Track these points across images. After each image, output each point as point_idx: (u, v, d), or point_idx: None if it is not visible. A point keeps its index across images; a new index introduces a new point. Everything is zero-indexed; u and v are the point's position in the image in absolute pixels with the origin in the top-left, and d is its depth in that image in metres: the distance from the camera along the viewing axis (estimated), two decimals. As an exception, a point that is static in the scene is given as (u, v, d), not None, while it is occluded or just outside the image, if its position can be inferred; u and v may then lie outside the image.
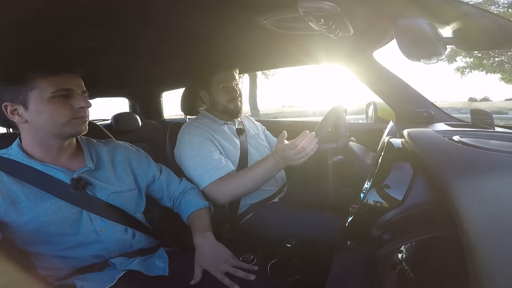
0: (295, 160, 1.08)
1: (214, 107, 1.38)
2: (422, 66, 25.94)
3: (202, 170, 1.19)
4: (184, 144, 1.26)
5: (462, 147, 0.57)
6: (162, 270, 0.89)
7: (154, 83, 2.54)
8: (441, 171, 0.51)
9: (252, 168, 1.20)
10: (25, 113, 0.80)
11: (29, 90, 0.79)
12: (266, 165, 1.16)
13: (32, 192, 0.80)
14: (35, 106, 0.80)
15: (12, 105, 0.80)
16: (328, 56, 1.52)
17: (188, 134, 1.27)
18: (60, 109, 0.81)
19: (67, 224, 0.83)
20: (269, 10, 0.88)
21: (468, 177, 0.45)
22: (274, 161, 1.14)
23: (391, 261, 0.54)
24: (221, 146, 1.29)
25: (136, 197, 0.98)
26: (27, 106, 0.80)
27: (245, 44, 1.40)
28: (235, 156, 1.32)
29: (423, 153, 0.61)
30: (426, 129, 0.75)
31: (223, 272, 0.84)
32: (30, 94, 0.79)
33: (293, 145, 1.07)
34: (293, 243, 1.13)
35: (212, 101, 1.37)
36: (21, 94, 0.79)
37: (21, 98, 0.79)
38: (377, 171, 0.69)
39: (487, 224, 0.36)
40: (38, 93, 0.79)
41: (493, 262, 0.32)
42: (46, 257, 0.84)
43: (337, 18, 0.86)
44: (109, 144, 1.01)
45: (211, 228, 0.99)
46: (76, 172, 0.87)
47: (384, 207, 0.65)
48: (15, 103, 0.80)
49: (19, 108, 0.80)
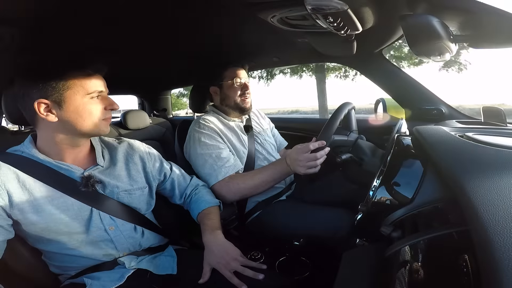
0: (302, 166, 1.07)
1: (225, 103, 1.40)
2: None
3: (210, 168, 1.20)
4: (194, 141, 1.27)
5: (474, 145, 0.56)
6: (170, 268, 0.90)
7: (163, 81, 2.56)
8: (452, 168, 0.50)
9: (263, 169, 1.21)
10: (58, 111, 0.80)
11: (65, 89, 0.80)
12: (276, 168, 1.17)
13: (43, 189, 0.81)
14: (71, 105, 0.80)
15: (46, 103, 0.80)
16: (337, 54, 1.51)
17: (197, 131, 1.28)
18: (94, 109, 0.83)
19: (77, 222, 0.83)
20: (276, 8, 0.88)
21: (481, 174, 0.45)
22: (285, 165, 1.14)
23: (401, 259, 0.54)
24: (229, 143, 1.31)
25: (146, 195, 0.98)
26: (61, 104, 0.80)
27: (254, 41, 1.40)
28: (243, 152, 1.33)
29: (433, 150, 0.60)
30: (436, 126, 0.74)
31: (232, 270, 0.84)
32: (66, 93, 0.80)
33: (306, 148, 1.06)
34: (301, 241, 1.13)
35: (224, 96, 1.39)
36: (56, 92, 0.79)
37: (55, 96, 0.79)
38: (387, 168, 0.69)
39: (500, 222, 0.36)
40: (75, 93, 0.80)
41: (507, 260, 0.32)
42: (56, 256, 0.85)
43: (345, 16, 0.86)
44: (121, 142, 1.01)
45: (220, 227, 0.99)
46: (86, 170, 0.87)
47: (394, 205, 0.65)
48: (48, 100, 0.79)
49: (53, 106, 0.80)
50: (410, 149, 0.75)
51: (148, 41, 1.29)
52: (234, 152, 1.30)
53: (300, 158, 1.06)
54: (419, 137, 0.70)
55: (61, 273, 0.88)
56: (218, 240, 0.93)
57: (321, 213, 1.21)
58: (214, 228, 0.97)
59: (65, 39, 1.07)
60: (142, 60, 1.66)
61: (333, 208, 1.21)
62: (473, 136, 0.61)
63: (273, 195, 1.33)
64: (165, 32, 1.20)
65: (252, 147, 1.37)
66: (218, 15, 1.04)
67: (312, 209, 1.24)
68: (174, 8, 0.96)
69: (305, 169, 1.07)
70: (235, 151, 1.31)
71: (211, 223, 0.99)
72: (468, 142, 0.58)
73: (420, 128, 0.73)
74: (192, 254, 0.98)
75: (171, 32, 1.19)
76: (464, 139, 0.61)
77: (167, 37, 1.26)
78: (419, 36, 0.73)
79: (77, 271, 0.86)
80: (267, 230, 1.25)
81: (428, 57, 0.81)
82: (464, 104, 23.46)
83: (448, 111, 1.42)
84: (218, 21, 1.11)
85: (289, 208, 1.28)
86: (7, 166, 0.80)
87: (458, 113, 1.43)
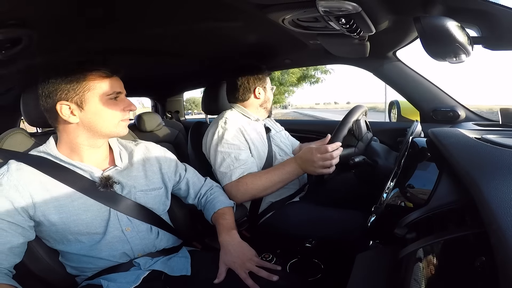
0: (318, 167, 1.07)
1: (265, 105, 1.45)
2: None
3: (227, 168, 1.21)
4: (217, 137, 1.27)
5: (491, 147, 0.55)
6: (184, 269, 0.90)
7: (176, 84, 2.59)
8: (469, 170, 0.50)
9: (272, 170, 1.21)
10: (80, 113, 0.83)
11: (86, 90, 0.82)
12: (285, 168, 1.17)
13: (64, 191, 0.83)
14: (92, 106, 0.83)
15: (68, 105, 0.82)
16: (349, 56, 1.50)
17: (222, 127, 1.28)
18: (113, 111, 0.85)
19: (96, 223, 0.85)
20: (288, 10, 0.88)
21: (499, 176, 0.44)
22: (295, 165, 1.14)
23: (415, 261, 0.53)
24: (251, 142, 1.30)
25: (162, 196, 1.00)
26: (82, 106, 0.82)
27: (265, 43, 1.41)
28: (263, 152, 1.33)
29: (450, 152, 0.59)
30: (452, 129, 0.73)
31: (247, 271, 0.84)
32: (87, 94, 0.82)
33: (324, 149, 1.05)
34: (313, 242, 1.13)
35: (266, 99, 1.44)
36: (77, 94, 0.81)
37: (76, 98, 0.81)
38: (401, 170, 0.68)
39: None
40: (95, 94, 0.83)
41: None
42: (74, 257, 0.87)
43: (358, 18, 0.85)
44: (138, 144, 1.03)
45: (235, 227, 1.00)
46: (105, 171, 0.89)
47: (408, 207, 0.64)
48: (70, 102, 0.82)
49: (74, 108, 0.82)
50: (425, 151, 0.74)
51: (161, 44, 1.32)
52: (254, 151, 1.30)
53: (315, 159, 1.06)
54: (434, 140, 0.69)
55: (78, 274, 0.89)
56: (234, 240, 0.94)
57: (334, 214, 1.20)
58: (230, 228, 0.98)
59: (83, 41, 1.10)
60: (156, 63, 1.69)
61: (346, 210, 1.20)
62: (491, 138, 0.60)
63: (286, 196, 1.33)
64: (178, 36, 1.22)
65: (271, 147, 1.38)
66: (229, 18, 1.05)
67: (325, 211, 1.24)
68: (187, 12, 0.98)
69: (320, 169, 1.07)
70: (256, 150, 1.31)
71: (227, 223, 1.00)
72: (485, 145, 0.57)
73: (436, 130, 0.72)
74: (205, 255, 0.99)
75: (184, 35, 1.22)
76: (481, 142, 0.60)
77: (180, 40, 1.28)
78: (435, 38, 0.73)
79: (94, 272, 0.87)
80: (279, 231, 1.25)
81: (444, 59, 0.80)
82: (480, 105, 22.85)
83: (464, 113, 1.40)
84: (230, 24, 1.12)
85: (302, 209, 1.28)
86: (29, 168, 0.82)
87: (475, 115, 1.40)
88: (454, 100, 1.43)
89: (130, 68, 1.65)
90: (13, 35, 0.90)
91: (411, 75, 1.49)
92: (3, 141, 0.90)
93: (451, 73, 46.29)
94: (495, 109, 1.38)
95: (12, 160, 0.83)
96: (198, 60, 1.69)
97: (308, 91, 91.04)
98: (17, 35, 0.90)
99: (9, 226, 0.75)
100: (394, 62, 1.49)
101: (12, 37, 0.90)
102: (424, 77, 1.46)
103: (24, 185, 0.79)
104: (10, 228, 0.75)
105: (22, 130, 0.95)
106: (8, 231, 0.75)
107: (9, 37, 0.90)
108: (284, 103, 54.70)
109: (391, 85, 1.54)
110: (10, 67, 1.16)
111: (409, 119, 1.55)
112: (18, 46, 0.95)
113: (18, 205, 0.77)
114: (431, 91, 1.46)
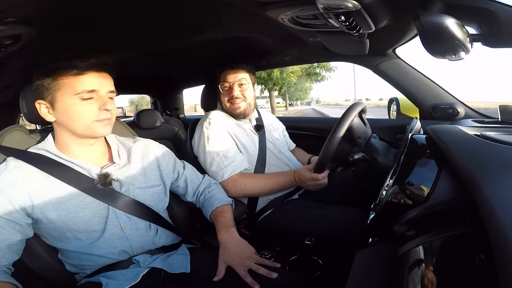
0: (309, 186, 1.19)
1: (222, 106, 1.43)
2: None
3: (217, 167, 1.24)
4: (202, 138, 1.29)
5: (491, 144, 0.55)
6: (184, 267, 0.91)
7: (175, 81, 2.59)
8: (469, 167, 0.50)
9: (272, 176, 1.26)
10: (53, 112, 0.83)
11: (56, 90, 0.81)
12: (285, 179, 1.25)
13: (62, 188, 0.83)
14: (60, 106, 0.81)
15: (43, 104, 0.82)
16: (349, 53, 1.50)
17: (206, 128, 1.30)
18: (83, 110, 0.81)
19: (94, 220, 0.85)
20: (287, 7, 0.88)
21: (498, 173, 0.44)
22: (293, 180, 1.23)
23: (414, 258, 0.53)
24: (238, 141, 1.33)
25: (160, 193, 0.99)
26: (54, 106, 0.82)
27: (265, 40, 1.40)
28: (253, 151, 1.34)
29: (449, 149, 0.59)
30: (451, 125, 0.73)
31: (247, 268, 0.84)
32: (56, 94, 0.81)
33: (315, 177, 1.16)
34: (312, 240, 1.13)
35: (220, 100, 1.42)
36: (50, 93, 0.81)
37: (49, 97, 0.81)
38: (400, 168, 0.68)
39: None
40: (64, 94, 0.81)
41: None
42: (73, 254, 0.87)
43: (357, 15, 0.85)
44: (136, 141, 1.03)
45: (234, 224, 1.00)
46: (103, 168, 0.89)
47: (408, 204, 0.64)
48: (45, 101, 0.82)
49: (49, 107, 0.83)
50: (424, 149, 0.74)
51: (161, 41, 1.31)
52: (243, 150, 1.32)
53: (308, 183, 1.19)
54: (434, 137, 0.69)
55: (77, 272, 0.89)
56: (233, 238, 0.94)
57: (333, 212, 1.20)
58: (229, 225, 0.98)
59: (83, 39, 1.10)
60: (156, 61, 1.68)
61: (345, 207, 1.21)
62: (490, 135, 0.60)
63: (285, 193, 1.33)
64: (178, 33, 1.22)
65: (264, 145, 1.38)
66: (228, 14, 1.05)
67: (324, 208, 1.24)
68: (186, 8, 0.97)
69: (314, 188, 1.19)
70: (245, 149, 1.33)
71: (225, 220, 1.00)
72: (485, 142, 0.57)
73: (435, 127, 0.72)
74: (204, 252, 0.99)
75: (182, 32, 1.21)
76: (481, 139, 0.60)
77: (179, 37, 1.27)
78: (434, 36, 0.73)
79: (93, 270, 0.87)
80: (278, 228, 1.25)
81: (443, 56, 0.80)
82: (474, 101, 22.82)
83: (463, 110, 1.40)
84: (229, 21, 1.12)
85: (301, 206, 1.28)
86: (27, 165, 0.82)
87: (474, 112, 1.40)
88: (453, 97, 1.42)
89: (129, 66, 1.66)
90: (13, 32, 0.89)
91: (410, 72, 1.48)
92: (2, 138, 0.89)
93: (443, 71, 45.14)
94: (491, 107, 1.38)
95: (10, 158, 0.83)
96: (198, 58, 1.68)
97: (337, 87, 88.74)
98: (17, 32, 0.89)
99: (6, 224, 0.75)
100: (393, 60, 1.49)
101: (12, 34, 0.90)
102: (424, 74, 1.46)
103: (22, 182, 0.79)
104: (8, 226, 0.75)
105: (21, 127, 0.95)
106: (6, 228, 0.75)
107: (9, 34, 0.89)
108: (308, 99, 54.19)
109: (391, 82, 1.54)
110: (9, 64, 1.15)
111: (409, 116, 1.55)
112: (18, 43, 0.95)
113: (16, 203, 0.77)
114: (430, 88, 1.46)
